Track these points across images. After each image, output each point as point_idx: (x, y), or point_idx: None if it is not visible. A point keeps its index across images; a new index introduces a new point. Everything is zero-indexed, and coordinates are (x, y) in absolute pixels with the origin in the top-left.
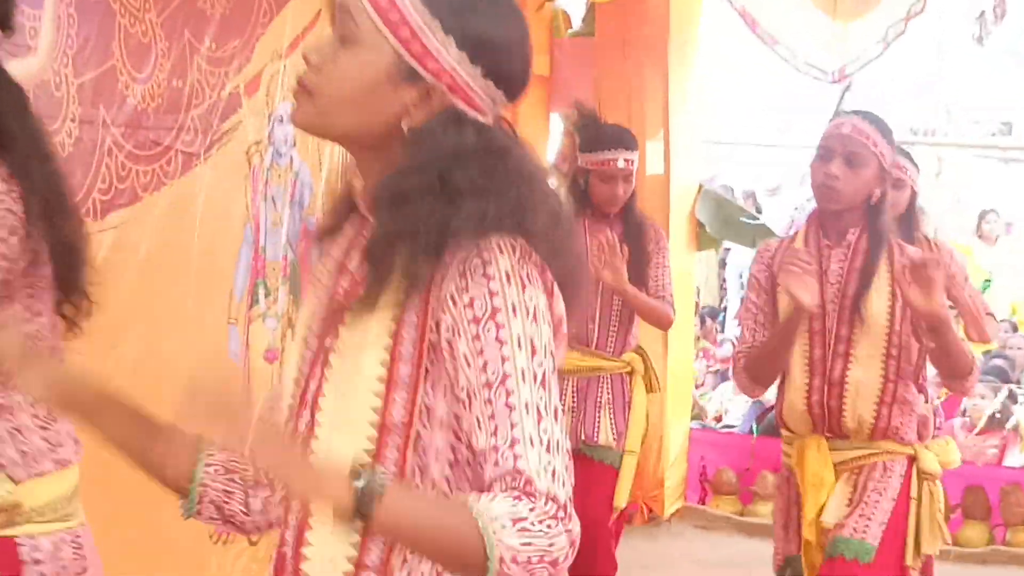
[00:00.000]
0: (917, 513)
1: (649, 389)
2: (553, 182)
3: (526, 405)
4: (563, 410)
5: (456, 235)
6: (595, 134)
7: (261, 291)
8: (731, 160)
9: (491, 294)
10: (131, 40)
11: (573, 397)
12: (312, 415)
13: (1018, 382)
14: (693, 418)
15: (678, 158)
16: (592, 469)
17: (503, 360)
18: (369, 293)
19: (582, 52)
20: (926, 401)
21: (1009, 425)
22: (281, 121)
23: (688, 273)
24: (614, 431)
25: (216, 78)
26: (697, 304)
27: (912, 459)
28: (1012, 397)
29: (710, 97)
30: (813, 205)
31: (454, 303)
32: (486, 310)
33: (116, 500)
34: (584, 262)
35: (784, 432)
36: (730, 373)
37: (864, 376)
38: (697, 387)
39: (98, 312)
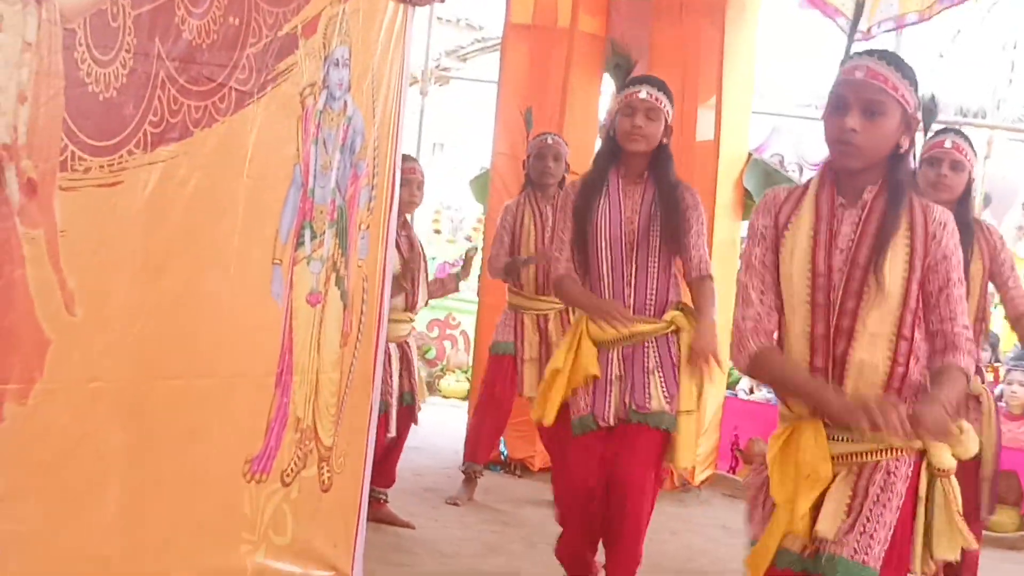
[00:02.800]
0: (927, 514)
1: None
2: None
3: None
4: (611, 380)
5: None
6: (621, 73)
7: (307, 233)
8: (782, 130)
9: None
10: None
11: (620, 366)
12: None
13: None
14: (728, 387)
15: (729, 125)
16: (641, 435)
17: None
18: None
19: (639, 13)
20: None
21: None
22: (337, 64)
23: (733, 242)
24: (666, 394)
25: (274, 18)
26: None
27: (922, 454)
28: None
29: (765, 66)
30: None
31: None
32: None
33: (148, 437)
34: None
35: (783, 410)
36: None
37: (869, 357)
38: None
39: (143, 241)
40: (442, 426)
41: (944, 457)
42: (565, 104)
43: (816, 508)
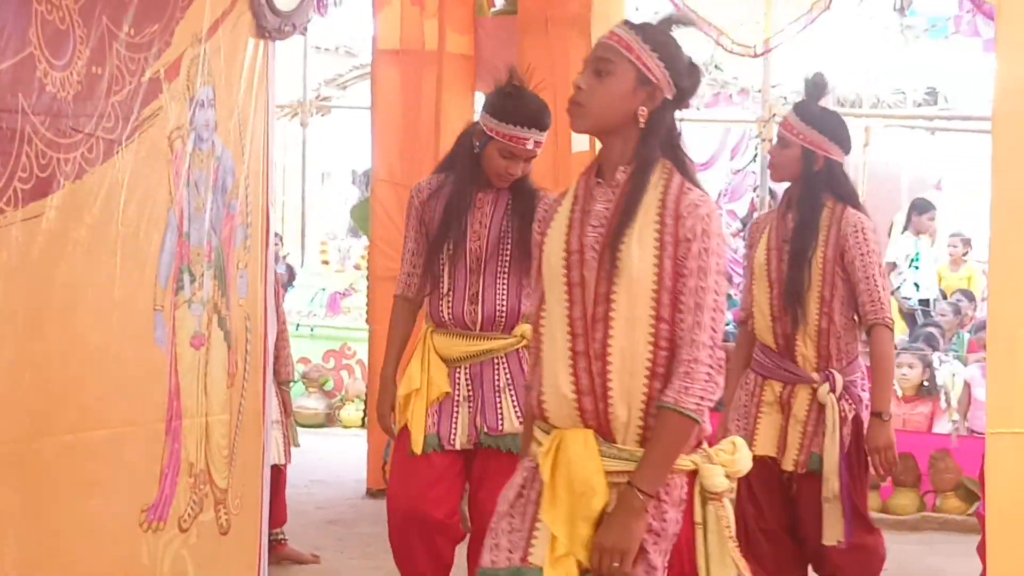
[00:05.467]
0: (704, 541)
1: None
2: None
3: None
4: (458, 401)
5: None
6: (514, 105)
7: (186, 277)
8: None
9: None
10: (48, 27)
11: (468, 385)
12: None
13: (945, 351)
14: None
15: None
16: (494, 460)
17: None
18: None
19: (505, 31)
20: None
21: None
22: (202, 105)
23: None
24: (519, 414)
25: (136, 64)
26: None
27: (693, 475)
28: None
29: None
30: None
31: None
32: None
33: (41, 493)
34: None
35: (538, 425)
36: None
37: (629, 343)
38: None
39: (23, 298)
40: (343, 456)
41: (715, 479)
42: (439, 125)
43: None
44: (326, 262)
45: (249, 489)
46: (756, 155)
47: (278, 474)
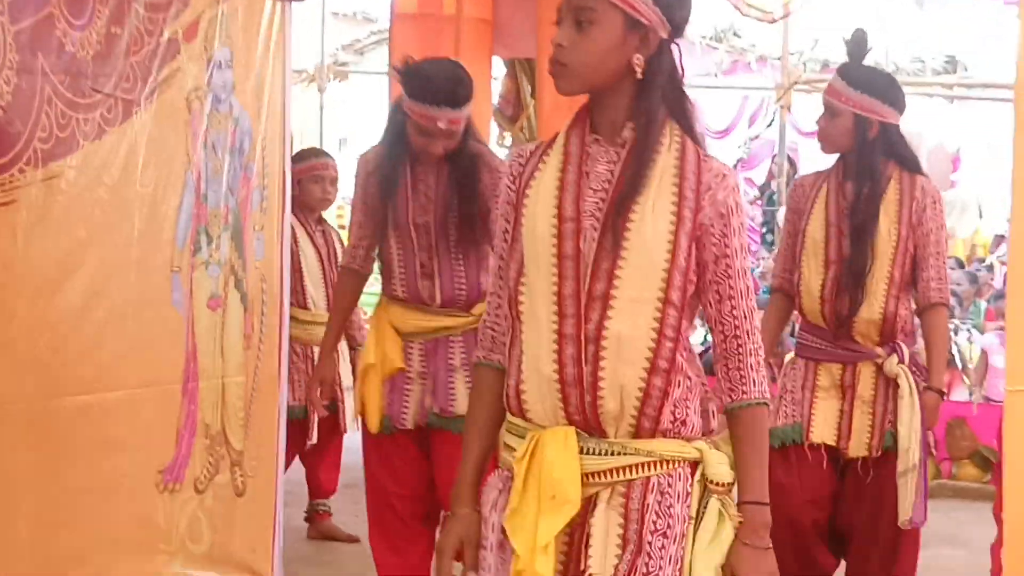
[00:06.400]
0: (694, 537)
1: None
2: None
3: None
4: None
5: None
6: (422, 83)
7: (203, 239)
8: None
9: None
10: None
11: (421, 362)
12: None
13: (963, 319)
14: None
15: None
16: (447, 443)
17: None
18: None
19: None
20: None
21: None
22: (220, 67)
23: None
24: None
25: (154, 24)
26: None
27: (696, 465)
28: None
29: None
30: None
31: None
32: None
33: (58, 455)
34: None
35: (512, 422)
36: None
37: (629, 329)
38: None
39: (42, 258)
40: None
41: (721, 467)
42: None
43: (574, 543)
44: (343, 226)
45: (265, 451)
46: (772, 122)
47: (336, 441)
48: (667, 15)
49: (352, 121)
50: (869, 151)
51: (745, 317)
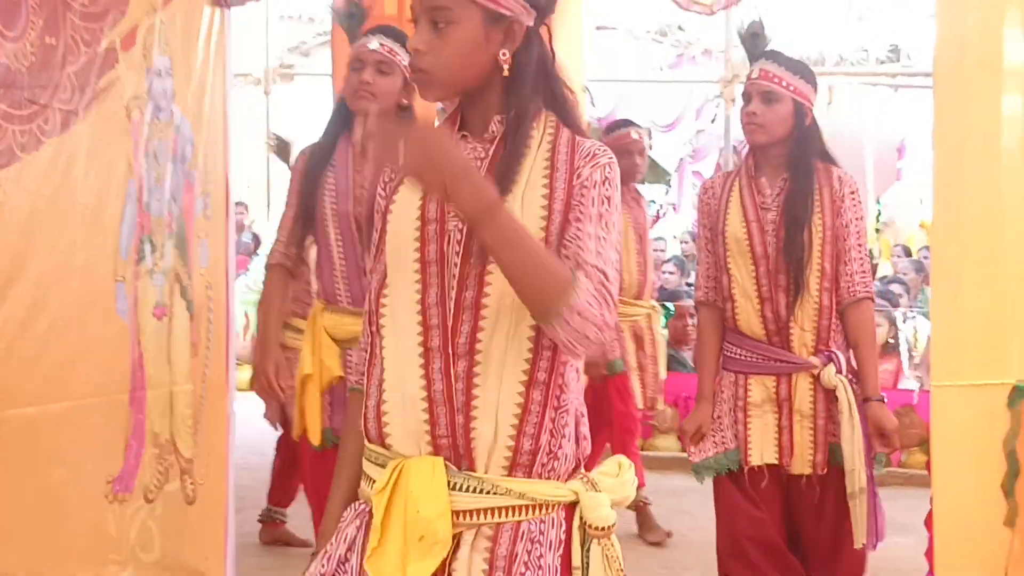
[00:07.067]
0: None
1: None
2: None
3: None
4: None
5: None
6: (356, 24)
7: (147, 247)
8: (628, 96)
9: None
10: None
11: None
12: None
13: (910, 307)
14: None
15: None
16: None
17: None
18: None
19: None
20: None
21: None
22: (160, 75)
23: None
24: None
25: (91, 34)
26: None
27: (573, 507)
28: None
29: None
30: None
31: None
32: None
33: (7, 462)
34: None
35: (371, 449)
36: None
37: (502, 341)
38: None
39: None
40: None
41: (601, 511)
42: None
43: None
44: None
45: (214, 459)
46: (716, 116)
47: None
48: (529, 1)
49: (298, 123)
50: (804, 139)
51: (602, 258)
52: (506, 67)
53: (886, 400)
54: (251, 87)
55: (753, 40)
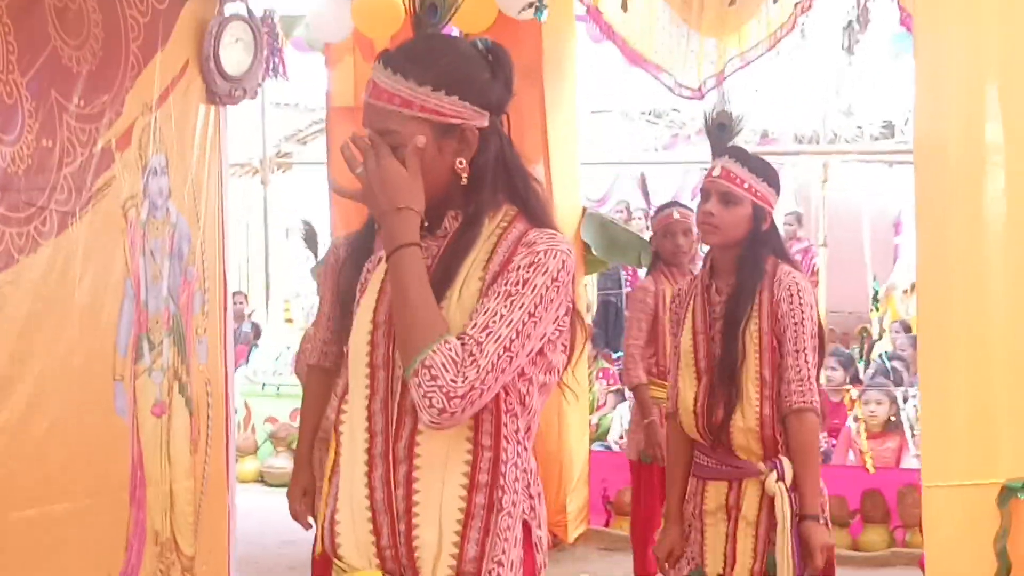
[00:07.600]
0: None
1: None
2: None
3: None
4: None
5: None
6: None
7: (145, 345)
8: (624, 177)
9: None
10: None
11: None
12: None
13: (911, 384)
14: (594, 440)
15: (560, 182)
16: None
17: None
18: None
19: None
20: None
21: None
22: (155, 173)
23: (579, 296)
24: None
25: (86, 135)
26: (591, 325)
27: None
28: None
29: (594, 118)
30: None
31: None
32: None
33: (8, 563)
34: None
35: (335, 563)
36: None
37: (441, 444)
38: (597, 408)
39: None
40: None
41: None
42: None
43: None
44: (290, 320)
45: (215, 555)
46: None
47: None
48: (480, 103)
49: (297, 211)
50: (759, 245)
51: (487, 330)
52: (464, 175)
53: (822, 520)
54: (247, 177)
55: (719, 132)
